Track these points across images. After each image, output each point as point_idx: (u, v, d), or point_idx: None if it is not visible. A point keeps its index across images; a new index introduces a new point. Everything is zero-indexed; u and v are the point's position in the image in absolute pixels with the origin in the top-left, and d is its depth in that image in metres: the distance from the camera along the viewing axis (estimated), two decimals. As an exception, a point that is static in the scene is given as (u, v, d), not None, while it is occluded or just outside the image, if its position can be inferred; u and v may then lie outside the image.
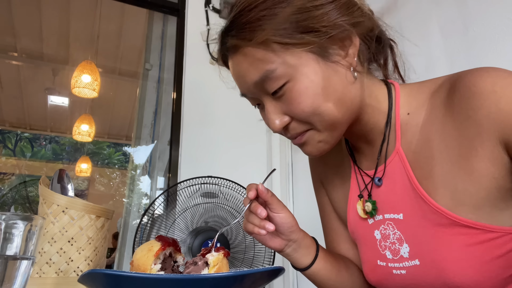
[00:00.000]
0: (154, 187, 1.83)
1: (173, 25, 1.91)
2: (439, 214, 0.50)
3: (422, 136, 0.54)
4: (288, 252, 0.64)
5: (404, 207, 0.55)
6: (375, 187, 0.60)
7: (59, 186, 0.84)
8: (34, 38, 3.34)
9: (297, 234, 0.63)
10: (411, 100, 0.57)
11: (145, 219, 1.13)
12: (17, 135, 6.10)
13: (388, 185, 0.58)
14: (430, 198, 0.51)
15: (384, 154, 0.58)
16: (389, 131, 0.57)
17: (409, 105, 0.57)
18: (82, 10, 3.07)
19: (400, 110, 0.57)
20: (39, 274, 0.73)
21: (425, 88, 0.56)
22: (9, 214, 0.47)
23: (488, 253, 0.47)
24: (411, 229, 0.54)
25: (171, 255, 0.56)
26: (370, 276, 0.63)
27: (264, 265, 1.21)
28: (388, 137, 0.58)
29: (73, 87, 2.81)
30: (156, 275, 0.42)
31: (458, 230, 0.49)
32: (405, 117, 0.57)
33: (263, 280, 0.50)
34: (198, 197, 1.18)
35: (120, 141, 6.06)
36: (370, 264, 0.62)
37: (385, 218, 0.59)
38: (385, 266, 0.59)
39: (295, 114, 0.53)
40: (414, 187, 0.53)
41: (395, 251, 0.57)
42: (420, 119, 0.55)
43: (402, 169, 0.55)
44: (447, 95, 0.51)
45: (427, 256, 0.52)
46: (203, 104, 1.75)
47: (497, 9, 0.91)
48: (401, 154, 0.56)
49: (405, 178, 0.55)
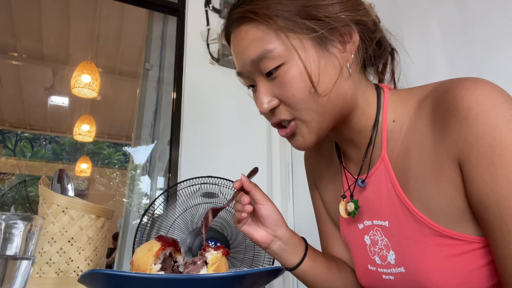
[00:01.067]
0: (154, 187, 1.83)
1: (173, 25, 1.91)
2: (422, 223, 0.50)
3: (403, 146, 0.54)
4: (275, 249, 0.64)
5: (389, 214, 0.55)
6: (359, 189, 0.60)
7: (59, 186, 0.84)
8: (34, 38, 3.34)
9: (283, 230, 0.64)
10: (398, 107, 0.57)
11: (145, 219, 1.13)
12: (17, 135, 6.10)
13: (374, 191, 0.58)
14: (413, 206, 0.51)
15: (369, 158, 0.59)
16: (375, 135, 0.58)
17: (395, 112, 0.57)
18: (82, 10, 3.07)
19: (387, 115, 0.57)
20: (39, 274, 0.73)
21: (412, 96, 0.56)
22: (9, 214, 0.47)
23: (471, 263, 0.47)
24: (396, 237, 0.55)
25: (171, 255, 0.56)
26: (363, 279, 0.63)
27: (264, 265, 1.21)
28: (374, 141, 0.58)
29: (73, 87, 2.81)
30: (156, 275, 0.42)
31: (440, 241, 0.49)
32: (391, 124, 0.57)
33: (263, 280, 0.50)
34: (198, 197, 1.18)
35: (120, 141, 6.07)
36: (361, 268, 0.63)
37: (373, 224, 0.59)
38: (375, 271, 0.59)
39: (285, 98, 0.53)
40: (398, 195, 0.53)
41: (383, 257, 0.57)
42: (404, 128, 0.55)
43: (387, 176, 0.55)
44: (432, 108, 0.50)
45: (411, 265, 0.52)
46: (203, 104, 1.75)
47: (497, 9, 0.91)
48: (386, 162, 0.56)
49: (390, 186, 0.55)
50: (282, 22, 0.51)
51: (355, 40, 0.54)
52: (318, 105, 0.53)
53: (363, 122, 0.58)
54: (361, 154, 0.61)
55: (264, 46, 0.52)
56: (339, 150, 0.68)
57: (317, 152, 0.76)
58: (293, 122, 0.55)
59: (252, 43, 0.53)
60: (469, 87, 0.46)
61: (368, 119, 0.58)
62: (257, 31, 0.53)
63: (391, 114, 0.57)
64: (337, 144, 0.68)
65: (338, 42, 0.53)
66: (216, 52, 1.83)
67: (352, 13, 0.53)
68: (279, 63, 0.52)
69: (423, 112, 0.52)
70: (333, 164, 0.71)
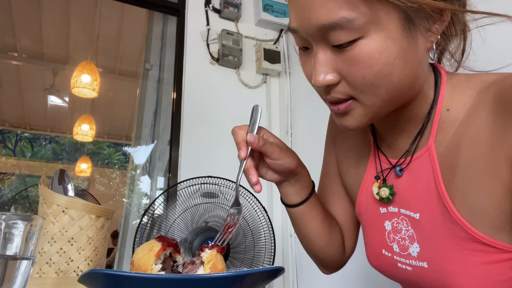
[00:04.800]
0: (154, 187, 1.83)
1: (173, 25, 1.91)
2: (459, 225, 0.46)
3: (453, 138, 0.48)
4: (283, 185, 0.64)
5: (423, 207, 0.52)
6: (394, 176, 0.56)
7: (59, 186, 0.84)
8: (34, 38, 3.34)
9: (294, 175, 0.62)
10: (455, 94, 0.50)
11: (145, 219, 1.13)
12: (17, 135, 6.10)
13: (410, 180, 0.54)
14: (453, 206, 0.47)
15: (414, 147, 0.53)
16: (426, 124, 0.51)
17: (451, 100, 0.50)
18: (82, 10, 3.07)
19: (442, 103, 0.50)
20: (39, 274, 0.73)
21: (472, 84, 0.49)
22: (9, 214, 0.47)
23: (502, 273, 0.45)
24: (426, 232, 0.51)
25: (171, 255, 0.56)
26: (373, 261, 0.61)
27: (264, 265, 1.21)
28: (424, 130, 0.52)
29: (73, 87, 2.81)
30: (156, 275, 0.42)
31: (475, 247, 0.46)
32: (444, 112, 0.50)
33: (263, 280, 0.50)
34: (198, 197, 1.18)
35: (120, 141, 6.06)
36: (374, 250, 0.61)
37: (400, 212, 0.55)
38: (390, 257, 0.57)
39: (352, 77, 0.45)
40: (438, 191, 0.49)
41: (403, 247, 0.55)
42: (458, 119, 0.49)
43: (430, 167, 0.50)
44: (495, 101, 0.45)
45: (437, 263, 0.50)
46: (203, 104, 1.75)
47: (497, 9, 0.91)
48: (432, 152, 0.50)
49: (431, 178, 0.50)
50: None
51: (445, 18, 0.45)
52: (387, 91, 0.45)
53: (418, 109, 0.52)
54: (399, 139, 0.55)
55: (342, 13, 0.41)
56: (372, 128, 0.62)
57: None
58: (350, 101, 0.47)
59: (328, 4, 0.42)
60: None
61: (424, 106, 0.51)
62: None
63: (447, 102, 0.50)
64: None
65: (426, 19, 0.44)
66: (216, 52, 1.83)
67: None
68: (356, 36, 0.42)
69: (484, 104, 0.46)
70: (362, 140, 0.65)
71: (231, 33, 1.83)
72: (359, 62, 0.43)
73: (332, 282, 1.47)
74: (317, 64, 0.46)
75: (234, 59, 1.79)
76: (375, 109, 0.47)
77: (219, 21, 1.89)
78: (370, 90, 0.45)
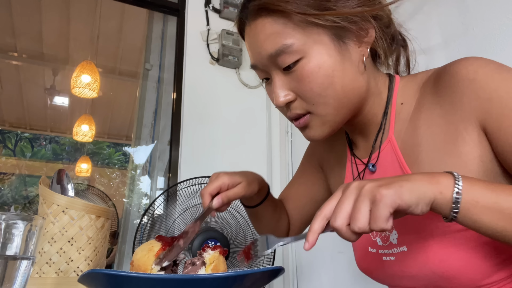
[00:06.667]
0: (154, 187, 1.83)
1: (173, 25, 1.91)
2: None
3: (410, 124, 0.56)
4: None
5: None
6: (369, 173, 0.61)
7: (59, 186, 0.84)
8: (34, 38, 3.34)
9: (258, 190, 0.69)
10: (406, 90, 0.59)
11: (145, 219, 1.13)
12: (17, 135, 6.10)
13: (382, 173, 0.59)
14: None
15: (379, 143, 0.59)
16: (385, 121, 0.59)
17: (403, 95, 0.58)
18: (82, 10, 3.07)
19: (396, 100, 0.59)
20: (39, 274, 0.73)
21: (418, 79, 0.58)
22: (9, 214, 0.47)
23: (474, 239, 0.47)
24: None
25: (171, 255, 0.56)
26: (361, 263, 0.64)
27: (264, 265, 1.21)
28: (384, 126, 0.59)
29: (73, 87, 2.81)
30: (156, 275, 0.42)
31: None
32: (399, 106, 0.58)
33: (263, 280, 0.50)
34: (198, 197, 1.18)
35: (120, 141, 6.06)
36: (361, 251, 0.63)
37: None
38: (376, 253, 0.60)
39: (302, 92, 0.54)
40: (404, 172, 0.54)
41: (385, 238, 0.58)
42: (411, 108, 0.57)
43: (394, 156, 0.56)
44: (434, 83, 0.53)
45: (414, 242, 0.53)
46: (203, 104, 1.75)
47: (497, 9, 0.91)
48: (393, 142, 0.57)
49: (396, 166, 0.56)
50: (301, 16, 0.51)
51: (371, 34, 0.54)
52: (334, 99, 0.53)
53: (375, 110, 0.60)
54: (368, 140, 0.62)
55: (282, 41, 0.52)
56: (349, 138, 0.68)
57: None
58: (307, 115, 0.55)
59: (270, 38, 0.53)
60: (468, 59, 0.50)
61: (379, 107, 0.59)
62: (275, 25, 0.52)
63: (400, 97, 0.59)
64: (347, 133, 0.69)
65: (354, 36, 0.54)
66: (216, 52, 1.83)
67: (369, 8, 0.53)
68: (297, 57, 0.52)
69: (426, 90, 0.55)
70: (341, 150, 0.72)
71: (231, 33, 1.83)
72: (304, 78, 0.52)
73: (332, 282, 1.47)
74: (276, 87, 0.55)
75: (234, 59, 1.80)
76: (330, 117, 0.55)
77: (219, 21, 1.89)
78: (319, 100, 0.53)
